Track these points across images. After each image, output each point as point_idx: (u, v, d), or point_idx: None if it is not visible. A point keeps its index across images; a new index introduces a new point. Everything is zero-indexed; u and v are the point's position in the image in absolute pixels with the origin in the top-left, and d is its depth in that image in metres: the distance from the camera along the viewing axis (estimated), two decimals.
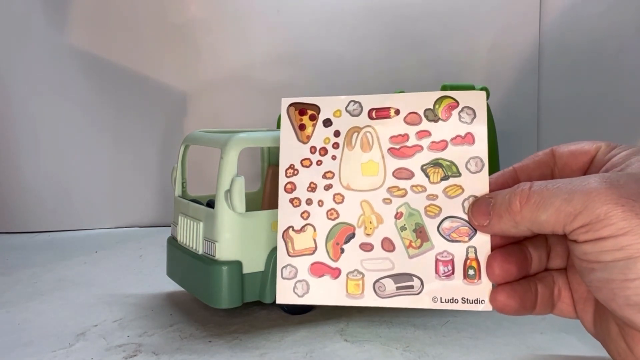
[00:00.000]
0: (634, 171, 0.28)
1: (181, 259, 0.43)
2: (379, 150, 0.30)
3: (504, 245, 0.30)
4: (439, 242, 0.29)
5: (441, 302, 0.29)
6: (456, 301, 0.29)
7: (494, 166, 0.50)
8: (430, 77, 0.75)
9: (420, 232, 0.29)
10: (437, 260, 0.29)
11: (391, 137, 0.30)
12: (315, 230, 0.30)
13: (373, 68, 0.76)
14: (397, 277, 0.29)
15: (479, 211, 0.29)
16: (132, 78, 0.76)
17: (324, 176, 0.30)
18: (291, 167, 0.31)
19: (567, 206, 0.26)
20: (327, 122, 0.31)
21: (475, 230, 0.29)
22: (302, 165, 0.31)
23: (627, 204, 0.25)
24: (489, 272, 0.29)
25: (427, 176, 0.30)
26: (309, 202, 0.30)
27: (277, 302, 0.30)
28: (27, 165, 0.75)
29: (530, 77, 0.77)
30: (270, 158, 0.51)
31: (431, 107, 0.30)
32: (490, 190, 0.30)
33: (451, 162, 0.29)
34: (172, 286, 0.48)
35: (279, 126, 0.51)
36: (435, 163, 0.30)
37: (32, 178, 0.75)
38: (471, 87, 0.48)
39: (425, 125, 0.30)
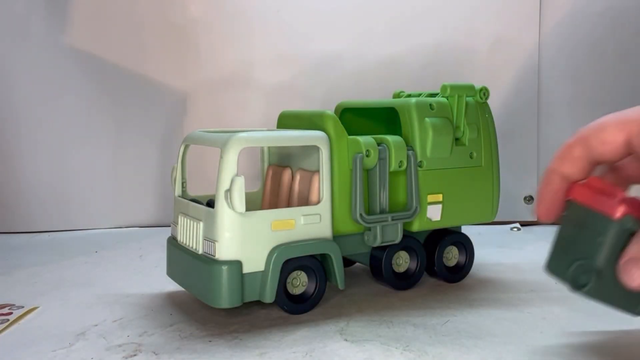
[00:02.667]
0: None
1: (181, 259, 0.43)
2: None
3: None
4: None
5: None
6: None
7: (494, 167, 0.50)
8: (430, 77, 0.75)
9: None
10: None
11: None
12: None
13: (373, 68, 0.76)
14: None
15: None
16: (132, 78, 0.76)
17: None
18: None
19: None
20: None
21: None
22: None
23: None
24: None
25: None
26: None
27: None
28: (27, 165, 0.75)
29: (530, 77, 0.77)
30: (270, 158, 0.51)
31: None
32: None
33: None
34: (172, 286, 0.48)
35: (279, 126, 0.51)
36: None
37: (32, 178, 0.75)
38: (471, 87, 0.48)
39: None
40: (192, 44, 0.76)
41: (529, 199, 0.77)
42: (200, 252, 0.41)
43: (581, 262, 0.32)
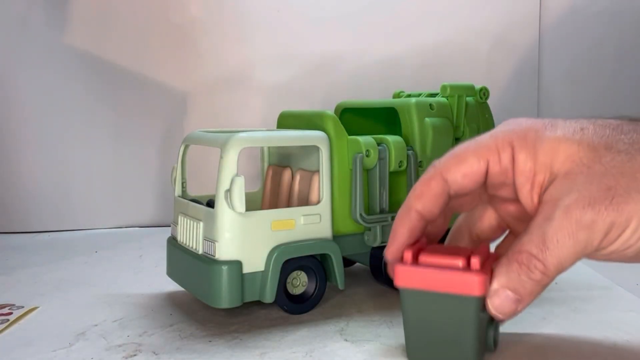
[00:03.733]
0: (574, 183, 0.29)
1: (181, 259, 0.43)
2: None
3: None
4: None
5: None
6: None
7: None
8: (430, 77, 0.75)
9: None
10: None
11: None
12: None
13: (373, 68, 0.77)
14: None
15: (512, 309, 0.30)
16: (132, 78, 0.76)
17: None
18: None
19: (577, 245, 0.28)
20: None
21: None
22: None
23: (616, 194, 0.27)
24: None
25: None
26: None
27: None
28: (27, 165, 0.75)
29: (530, 77, 0.77)
30: (270, 158, 0.51)
31: None
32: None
33: None
34: (172, 286, 0.48)
35: (279, 126, 0.51)
36: None
37: (32, 178, 0.75)
38: (471, 87, 0.48)
39: None
40: (192, 44, 0.76)
41: None
42: (200, 252, 0.41)
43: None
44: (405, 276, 0.32)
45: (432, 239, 0.36)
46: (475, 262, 0.30)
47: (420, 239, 0.34)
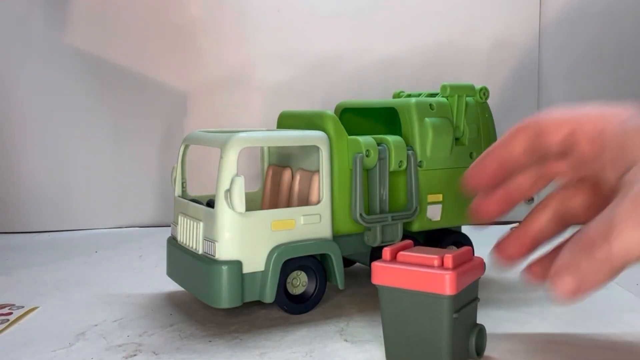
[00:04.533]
0: None
1: (181, 259, 0.43)
2: None
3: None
4: None
5: None
6: None
7: None
8: (430, 77, 0.75)
9: None
10: None
11: None
12: None
13: (373, 68, 0.76)
14: None
15: (572, 292, 0.27)
16: (132, 78, 0.76)
17: None
18: None
19: None
20: None
21: None
22: None
23: None
24: None
25: None
26: None
27: None
28: (27, 165, 0.75)
29: (530, 77, 0.77)
30: (270, 158, 0.51)
31: None
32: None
33: None
34: (172, 286, 0.48)
35: (279, 126, 0.51)
36: None
37: (32, 178, 0.75)
38: (471, 87, 0.48)
39: None
40: (192, 44, 0.76)
41: (529, 199, 0.77)
42: (200, 252, 0.41)
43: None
44: (381, 274, 0.32)
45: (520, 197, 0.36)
46: (448, 260, 0.30)
47: (408, 241, 0.34)
